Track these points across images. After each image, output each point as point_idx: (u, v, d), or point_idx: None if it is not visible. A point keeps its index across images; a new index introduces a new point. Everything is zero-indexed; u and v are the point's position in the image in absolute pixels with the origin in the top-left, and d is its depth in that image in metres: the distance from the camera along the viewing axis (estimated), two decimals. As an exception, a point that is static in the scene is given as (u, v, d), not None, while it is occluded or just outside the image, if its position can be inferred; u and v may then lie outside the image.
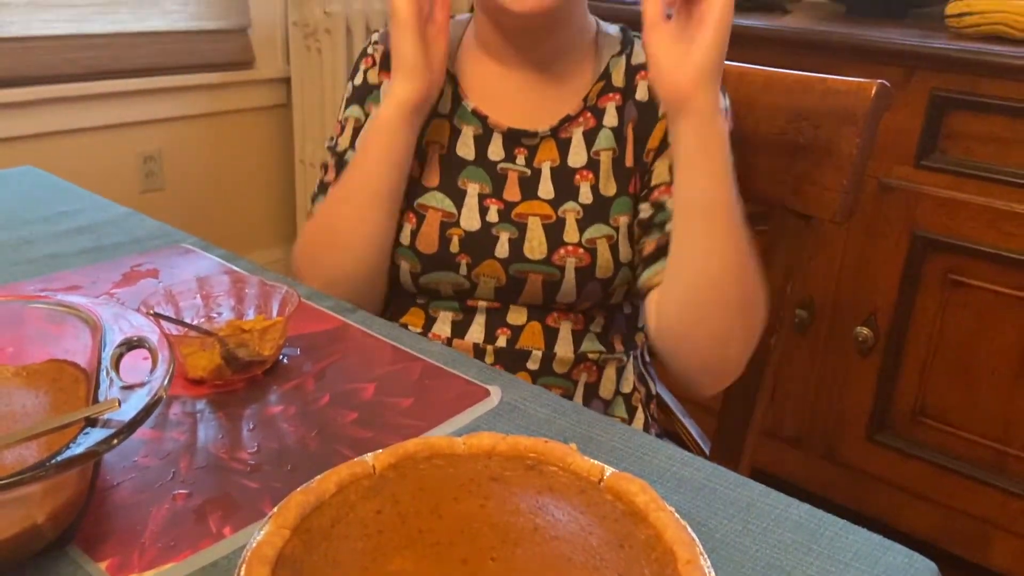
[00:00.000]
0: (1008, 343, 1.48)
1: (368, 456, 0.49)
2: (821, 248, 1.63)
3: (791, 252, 0.95)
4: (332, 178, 0.95)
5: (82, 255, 0.90)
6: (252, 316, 0.73)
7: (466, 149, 0.91)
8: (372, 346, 0.74)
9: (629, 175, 0.89)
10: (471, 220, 0.89)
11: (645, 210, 0.88)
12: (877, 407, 1.64)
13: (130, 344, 0.55)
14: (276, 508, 0.44)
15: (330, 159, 0.97)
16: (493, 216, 0.89)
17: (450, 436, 0.52)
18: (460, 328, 0.92)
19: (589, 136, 0.90)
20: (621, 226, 0.88)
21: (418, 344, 0.75)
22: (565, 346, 0.91)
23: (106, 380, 0.51)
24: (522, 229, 0.88)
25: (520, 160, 0.90)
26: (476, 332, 0.92)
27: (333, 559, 0.43)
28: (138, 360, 0.54)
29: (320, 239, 0.92)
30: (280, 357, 0.71)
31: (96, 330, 0.57)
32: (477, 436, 0.51)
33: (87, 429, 0.46)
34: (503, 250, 0.88)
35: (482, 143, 0.91)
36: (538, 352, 0.91)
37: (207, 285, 0.73)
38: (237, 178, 2.59)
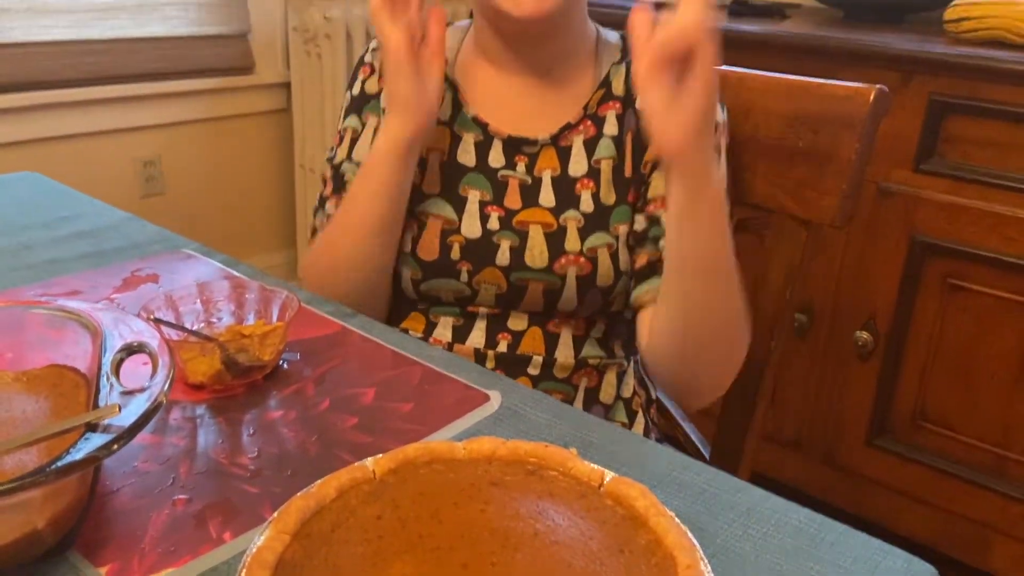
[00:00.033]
0: (1008, 347, 1.48)
1: (368, 461, 0.49)
2: (820, 252, 1.62)
3: (790, 257, 0.95)
4: (330, 192, 0.95)
5: (82, 260, 0.90)
6: (252, 321, 0.73)
7: (467, 156, 0.91)
8: (372, 351, 0.74)
9: (628, 185, 0.89)
10: (472, 227, 0.89)
11: (640, 222, 0.88)
12: (877, 411, 1.64)
13: (130, 349, 0.55)
14: (276, 513, 0.44)
15: (328, 172, 0.97)
16: (494, 223, 0.89)
17: (450, 441, 0.52)
18: (461, 333, 0.92)
19: (589, 145, 0.90)
20: (621, 235, 0.88)
21: (418, 349, 0.75)
22: (566, 351, 0.91)
23: (106, 385, 0.51)
24: (523, 237, 0.88)
25: (520, 168, 0.90)
26: (477, 337, 0.92)
27: (333, 564, 0.43)
28: (138, 365, 0.54)
29: (323, 263, 0.93)
30: (280, 362, 0.71)
31: (96, 335, 0.57)
32: (477, 441, 0.51)
33: (87, 434, 0.46)
34: (504, 258, 0.88)
35: (483, 150, 0.91)
36: (538, 357, 0.91)
37: (207, 290, 0.73)
38: (237, 183, 2.60)
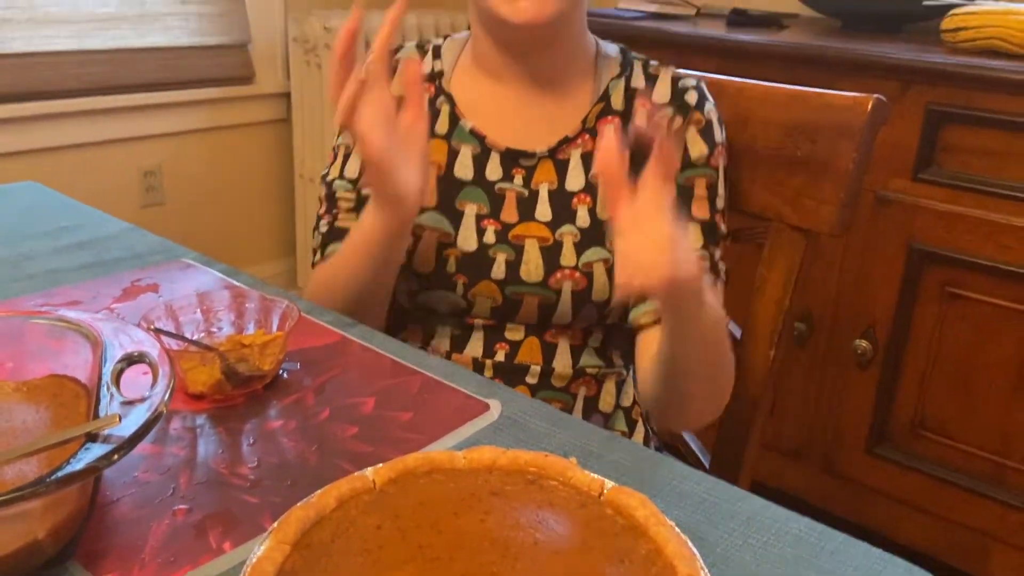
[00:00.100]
0: (1006, 355, 1.48)
1: (368, 471, 0.49)
2: (819, 261, 1.63)
3: (789, 265, 0.95)
4: (324, 211, 0.95)
5: (82, 270, 0.90)
6: (252, 331, 0.73)
7: (464, 170, 0.91)
8: (372, 360, 0.74)
9: None
10: (468, 240, 0.89)
11: None
12: (876, 420, 1.64)
13: (130, 359, 0.55)
14: (276, 523, 0.44)
15: (323, 191, 0.97)
16: (490, 237, 0.89)
17: (450, 450, 0.52)
18: (459, 343, 0.92)
19: (587, 159, 0.90)
20: None
21: (417, 358, 0.75)
22: (563, 361, 0.91)
23: (106, 395, 0.51)
24: (519, 251, 0.88)
25: (518, 180, 0.90)
26: (475, 347, 0.92)
27: (333, 574, 0.43)
28: (138, 375, 0.54)
29: (323, 296, 0.90)
30: (280, 372, 0.71)
31: (96, 345, 0.57)
32: (477, 450, 0.51)
33: (87, 444, 0.46)
34: (499, 271, 0.88)
35: (480, 162, 0.91)
36: (536, 367, 0.91)
37: (207, 300, 0.74)
38: (237, 192, 2.60)
